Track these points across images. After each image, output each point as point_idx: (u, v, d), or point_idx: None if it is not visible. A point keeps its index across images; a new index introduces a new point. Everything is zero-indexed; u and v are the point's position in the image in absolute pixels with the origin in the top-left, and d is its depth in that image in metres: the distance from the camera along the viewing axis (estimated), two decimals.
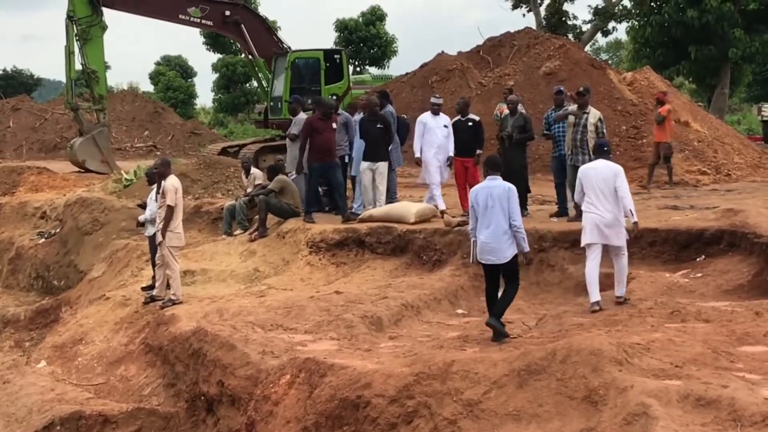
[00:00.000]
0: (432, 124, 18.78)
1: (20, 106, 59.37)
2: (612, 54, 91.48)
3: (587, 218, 13.31)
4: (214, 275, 18.71)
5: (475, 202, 12.29)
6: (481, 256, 12.28)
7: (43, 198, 30.56)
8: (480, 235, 12.17)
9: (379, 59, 75.39)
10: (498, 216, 11.98)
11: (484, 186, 12.32)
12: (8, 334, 22.17)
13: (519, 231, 12.05)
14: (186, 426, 13.12)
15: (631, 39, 53.93)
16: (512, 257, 12.14)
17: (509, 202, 12.00)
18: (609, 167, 13.37)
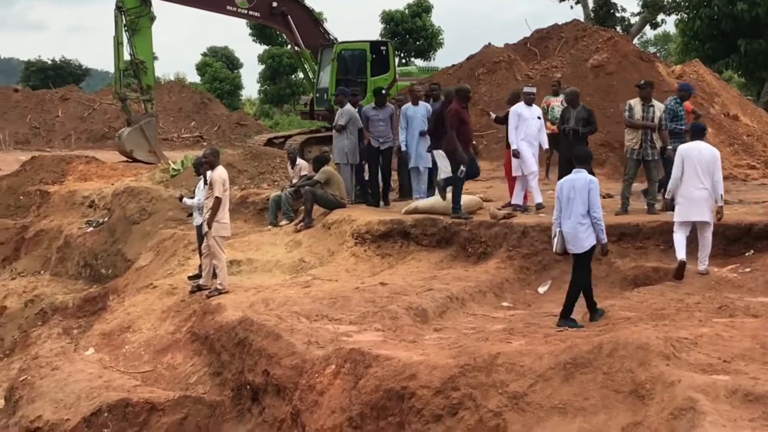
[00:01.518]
0: (527, 114, 18.58)
1: (69, 96, 59.94)
2: (660, 47, 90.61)
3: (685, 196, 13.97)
4: (259, 265, 18.78)
5: (559, 193, 12.68)
6: (562, 247, 12.69)
7: (92, 187, 30.82)
8: (564, 226, 12.55)
9: (425, 51, 75.23)
10: (578, 207, 12.36)
11: (569, 178, 12.70)
12: (57, 321, 22.36)
13: (598, 222, 12.43)
14: (231, 414, 13.18)
15: (680, 32, 53.43)
16: (590, 248, 12.50)
17: (590, 194, 12.37)
18: (710, 150, 14.25)
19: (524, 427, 9.07)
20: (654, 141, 17.63)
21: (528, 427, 9.05)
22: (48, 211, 30.95)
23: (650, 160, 17.74)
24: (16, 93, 62.18)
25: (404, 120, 20.11)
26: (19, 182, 34.28)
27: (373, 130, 20.38)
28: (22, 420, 13.72)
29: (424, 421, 9.75)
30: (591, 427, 8.82)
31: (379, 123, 20.29)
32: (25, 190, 33.38)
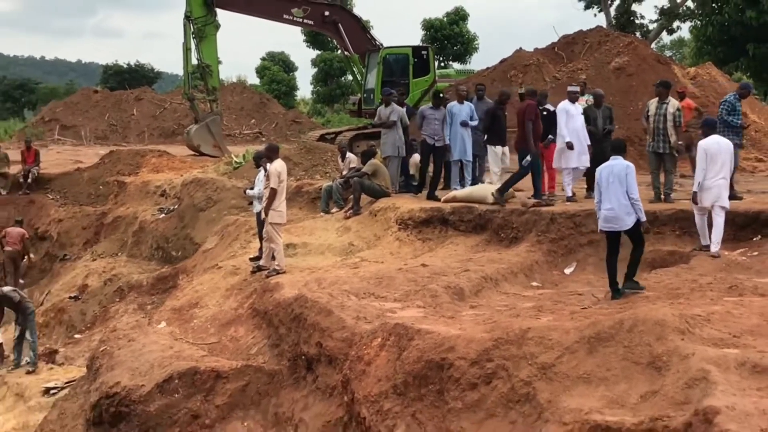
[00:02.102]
0: (573, 111, 18.51)
1: (143, 97, 60.33)
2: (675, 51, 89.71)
3: (710, 185, 14.11)
4: (313, 248, 18.84)
5: (599, 178, 12.88)
6: (604, 224, 12.82)
7: (163, 178, 31.02)
8: (603, 207, 12.71)
9: (462, 55, 75.03)
10: (617, 190, 12.51)
11: (607, 165, 12.86)
12: (132, 297, 22.56)
13: (636, 203, 12.53)
14: (288, 382, 13.23)
15: (694, 37, 53.12)
16: (633, 224, 12.58)
17: (627, 178, 12.53)
18: (727, 142, 14.50)
19: (552, 395, 9.04)
20: (667, 135, 17.55)
21: (555, 395, 9.02)
22: (124, 199, 31.20)
23: (663, 153, 17.70)
24: (96, 94, 62.62)
25: (449, 116, 20.05)
26: (98, 174, 34.58)
27: (429, 129, 20.21)
28: (102, 386, 13.84)
29: (461, 389, 9.74)
30: (613, 395, 8.79)
31: (434, 122, 20.14)
32: (104, 181, 33.66)
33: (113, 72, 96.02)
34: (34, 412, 17.67)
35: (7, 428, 17.66)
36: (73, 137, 53.74)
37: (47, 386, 18.66)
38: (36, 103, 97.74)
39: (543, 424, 8.79)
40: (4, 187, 34.73)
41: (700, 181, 14.26)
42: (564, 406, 8.78)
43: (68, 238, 31.16)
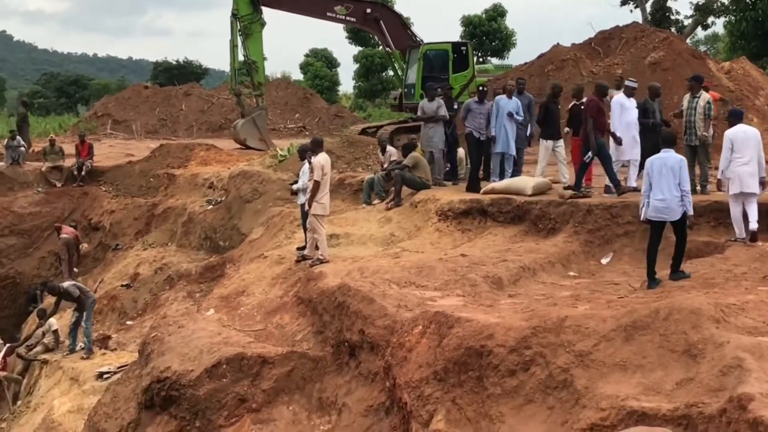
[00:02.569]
0: (628, 105, 18.30)
1: (191, 92, 60.68)
2: (710, 46, 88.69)
3: (737, 172, 14.10)
4: (355, 239, 18.86)
5: (650, 169, 12.81)
6: (653, 214, 12.77)
7: (211, 171, 31.18)
8: (654, 197, 12.67)
9: (500, 51, 74.75)
10: (670, 181, 12.52)
11: (659, 157, 12.81)
12: (182, 286, 22.75)
13: (687, 195, 12.61)
14: (332, 368, 13.27)
15: (728, 32, 52.55)
16: (681, 216, 12.64)
17: (681, 171, 12.56)
18: (753, 130, 14.56)
19: (589, 381, 9.01)
20: (697, 129, 17.39)
21: (592, 381, 8.99)
22: (174, 191, 31.41)
23: (693, 145, 17.55)
24: (146, 90, 63.07)
25: (496, 109, 19.96)
26: (149, 166, 34.82)
27: (474, 123, 20.15)
28: (154, 370, 13.96)
29: (500, 376, 9.73)
30: (649, 382, 8.75)
31: (480, 116, 20.07)
32: (154, 173, 33.88)
33: (163, 69, 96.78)
34: (88, 396, 17.88)
35: (62, 411, 17.88)
36: (124, 131, 54.16)
37: (100, 371, 18.88)
38: (89, 99, 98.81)
39: (580, 410, 8.77)
40: (59, 179, 35.10)
41: (723, 170, 14.31)
42: (601, 393, 8.75)
43: (120, 228, 31.44)
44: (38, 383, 20.77)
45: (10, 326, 30.15)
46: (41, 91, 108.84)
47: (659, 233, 12.90)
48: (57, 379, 19.91)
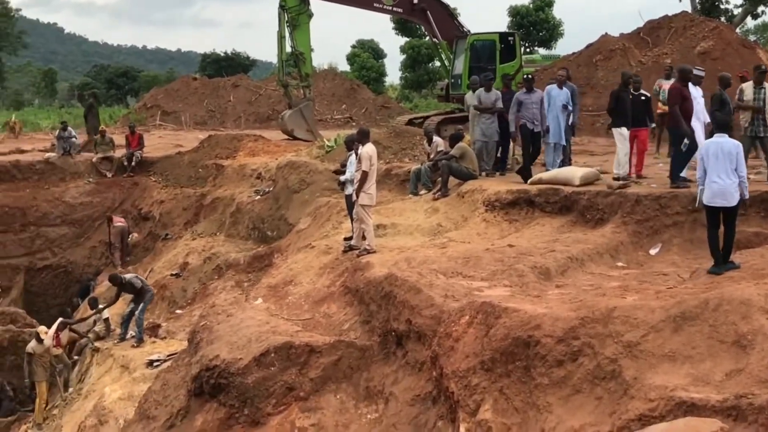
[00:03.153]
0: (695, 93, 18.12)
1: (239, 84, 60.97)
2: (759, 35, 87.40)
3: None
4: (402, 229, 18.88)
5: (705, 155, 12.56)
6: (710, 200, 12.55)
7: (259, 161, 31.35)
8: (710, 183, 12.46)
9: (547, 41, 74.21)
10: (727, 167, 12.30)
11: (715, 141, 12.57)
12: (230, 275, 22.92)
13: (744, 181, 12.42)
14: (379, 357, 13.31)
15: None
16: (737, 203, 12.47)
17: (737, 156, 12.35)
18: None
19: (637, 372, 8.96)
20: (765, 120, 17.19)
21: (641, 372, 8.94)
22: (222, 181, 31.64)
23: (762, 136, 17.33)
24: (195, 81, 63.50)
25: (547, 99, 19.86)
26: (198, 157, 35.10)
27: (528, 114, 20.05)
28: (203, 359, 14.08)
29: (548, 366, 9.70)
30: (698, 372, 8.68)
31: (532, 106, 19.95)
32: (203, 164, 34.15)
33: (211, 60, 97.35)
34: (138, 383, 18.08)
35: (113, 398, 18.11)
36: (173, 122, 54.62)
37: (151, 358, 19.08)
38: (138, 90, 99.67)
39: (628, 401, 8.72)
40: (110, 170, 35.52)
41: None
42: (649, 383, 8.70)
43: (170, 218, 31.76)
44: (89, 371, 21.04)
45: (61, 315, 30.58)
46: (92, 82, 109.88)
47: (716, 219, 12.68)
48: (108, 366, 20.16)
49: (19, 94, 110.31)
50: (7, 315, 27.20)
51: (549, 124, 19.80)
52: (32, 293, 32.36)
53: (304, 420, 12.72)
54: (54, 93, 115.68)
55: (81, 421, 18.28)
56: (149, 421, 15.02)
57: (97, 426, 17.53)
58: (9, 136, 47.89)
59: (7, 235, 32.52)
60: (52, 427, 19.96)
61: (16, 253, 32.50)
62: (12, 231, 32.67)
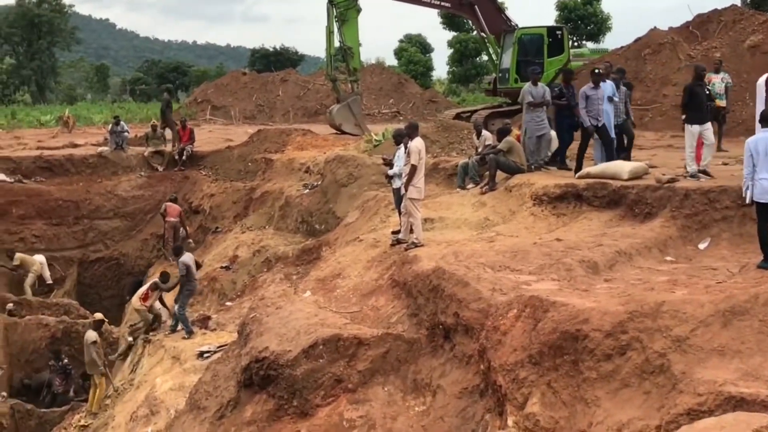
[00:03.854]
0: None
1: (287, 78, 61.35)
2: None
3: None
4: (450, 223, 18.87)
5: (754, 150, 12.29)
6: (760, 197, 12.30)
7: (307, 155, 31.52)
8: (760, 178, 12.21)
9: (595, 35, 73.71)
10: None
11: (763, 137, 12.32)
12: (279, 268, 23.05)
13: None
14: (426, 350, 13.32)
15: None
16: None
17: None
18: None
19: (686, 366, 8.89)
20: None
21: (689, 366, 8.87)
22: (271, 175, 31.86)
23: None
24: (244, 76, 64.00)
25: None
26: (247, 151, 35.39)
27: (594, 109, 19.58)
28: (252, 350, 14.18)
29: (596, 360, 9.66)
30: (747, 367, 8.59)
31: (597, 102, 19.62)
32: (252, 158, 34.45)
33: (260, 55, 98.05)
34: (189, 374, 18.27)
35: (164, 388, 18.32)
36: (223, 117, 55.08)
37: (201, 350, 19.26)
38: (189, 85, 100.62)
39: (677, 395, 8.65)
40: (161, 164, 35.95)
41: None
42: (698, 378, 8.63)
43: (220, 211, 32.06)
44: (141, 361, 21.31)
45: (113, 306, 31.03)
46: (143, 77, 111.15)
47: (767, 214, 12.43)
48: (159, 357, 20.39)
49: (72, 89, 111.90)
50: (61, 306, 27.68)
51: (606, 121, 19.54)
52: (85, 285, 32.86)
53: (353, 412, 12.76)
54: (106, 88, 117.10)
55: (133, 411, 18.52)
56: (200, 412, 15.17)
57: (148, 416, 17.75)
58: (63, 130, 48.61)
59: (61, 227, 33.03)
60: (105, 416, 20.25)
61: (69, 246, 33.01)
62: (66, 224, 33.19)
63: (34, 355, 25.31)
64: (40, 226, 32.65)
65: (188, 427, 15.11)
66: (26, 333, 25.33)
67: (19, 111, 69.31)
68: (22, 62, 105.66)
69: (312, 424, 12.79)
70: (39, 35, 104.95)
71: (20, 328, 25.30)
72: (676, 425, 8.27)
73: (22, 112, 68.83)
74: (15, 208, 32.46)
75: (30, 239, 32.23)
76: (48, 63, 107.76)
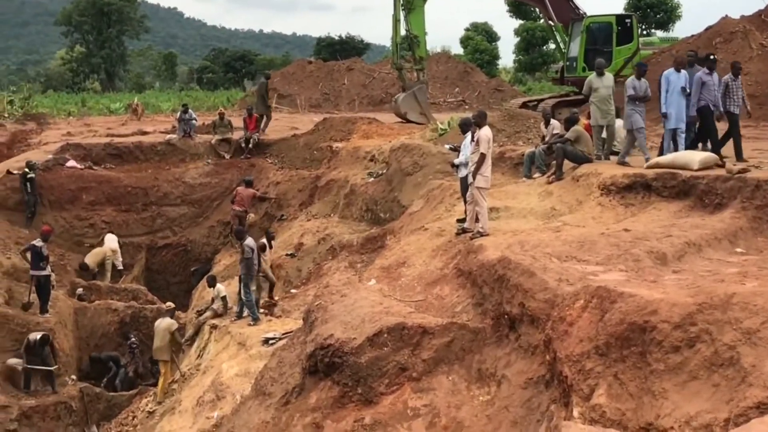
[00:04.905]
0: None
1: (353, 67, 61.53)
2: None
3: None
4: (515, 212, 18.80)
5: None
6: None
7: (373, 144, 31.59)
8: None
9: (665, 23, 72.81)
10: None
11: None
12: (344, 256, 23.17)
13: None
14: (491, 340, 13.29)
15: None
16: None
17: None
18: None
19: (756, 359, 8.75)
20: None
21: (760, 359, 8.73)
22: (336, 163, 32.00)
23: None
24: (310, 65, 64.32)
25: (665, 83, 19.33)
26: (313, 140, 35.59)
27: (709, 95, 19.31)
28: (317, 337, 14.27)
29: (664, 352, 9.55)
30: None
31: (713, 87, 19.36)
32: (317, 146, 34.63)
33: (326, 44, 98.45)
34: (254, 360, 18.48)
35: (230, 374, 18.56)
36: (289, 105, 55.44)
37: (266, 336, 19.47)
38: (255, 74, 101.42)
39: (747, 388, 8.53)
40: (228, 151, 36.33)
41: None
42: None
43: (285, 199, 32.32)
44: (208, 347, 21.60)
45: (180, 292, 31.49)
46: (210, 66, 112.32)
47: None
48: (225, 343, 20.65)
49: (140, 77, 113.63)
50: (129, 292, 28.17)
51: (669, 110, 19.24)
52: (153, 271, 33.38)
53: (417, 400, 12.80)
54: (174, 76, 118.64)
55: (199, 396, 18.81)
56: (265, 398, 15.33)
57: (214, 401, 18.01)
58: (132, 118, 49.45)
59: (130, 214, 33.58)
60: (172, 401, 20.57)
61: (138, 232, 33.55)
62: (135, 210, 33.74)
63: (102, 339, 25.83)
64: (109, 212, 33.23)
65: (254, 412, 15.28)
66: (95, 317, 25.85)
67: (89, 99, 70.75)
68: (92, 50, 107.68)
69: (376, 411, 12.85)
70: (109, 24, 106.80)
71: (90, 313, 25.83)
72: (746, 418, 8.17)
73: (92, 99, 70.23)
74: (85, 195, 33.08)
75: (100, 225, 32.82)
76: (117, 51, 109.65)
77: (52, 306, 23.13)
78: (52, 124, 49.52)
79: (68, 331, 23.98)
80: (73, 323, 24.85)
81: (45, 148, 37.35)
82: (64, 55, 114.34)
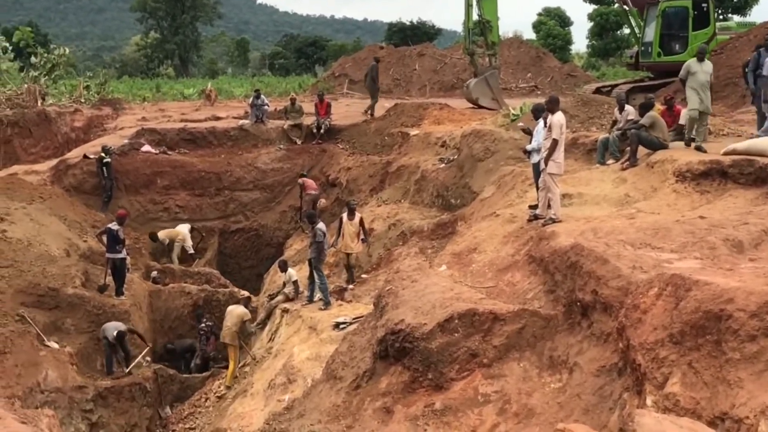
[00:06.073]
0: None
1: (424, 52, 61.44)
2: None
3: None
4: (588, 199, 18.64)
5: None
6: None
7: (444, 130, 31.54)
8: None
9: (742, 8, 71.33)
10: None
11: None
12: (414, 242, 23.22)
13: None
14: (563, 327, 13.23)
15: None
16: None
17: None
18: None
19: None
20: None
21: None
22: (407, 149, 32.02)
23: None
24: (381, 50, 64.37)
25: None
26: (384, 125, 35.65)
27: None
28: (388, 322, 14.35)
29: (740, 341, 9.43)
30: None
31: None
32: (389, 132, 34.68)
33: (397, 29, 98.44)
34: (325, 344, 18.63)
35: (301, 358, 18.75)
36: (360, 91, 55.52)
37: (337, 321, 19.60)
38: (326, 59, 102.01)
39: None
40: (299, 137, 36.60)
41: None
42: None
43: (356, 185, 32.41)
44: (279, 331, 21.83)
45: (252, 276, 31.86)
46: (282, 52, 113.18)
47: None
48: (297, 327, 20.85)
49: (213, 63, 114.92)
50: (202, 275, 28.57)
51: None
52: (225, 255, 33.82)
53: (487, 387, 12.81)
54: (246, 62, 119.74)
55: (271, 379, 19.03)
56: (336, 382, 15.46)
57: (286, 384, 18.21)
58: (205, 103, 50.05)
59: (203, 198, 34.06)
60: (244, 383, 20.84)
61: (211, 216, 34.02)
62: (208, 195, 34.21)
63: (176, 321, 26.22)
64: (183, 196, 33.75)
65: (325, 395, 15.42)
66: (169, 300, 26.25)
67: (163, 84, 71.78)
68: (166, 36, 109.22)
69: (447, 397, 12.90)
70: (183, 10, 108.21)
71: (164, 296, 26.24)
72: None
73: (166, 85, 71.24)
74: (160, 179, 33.63)
75: (173, 209, 33.36)
76: (191, 37, 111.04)
77: (128, 288, 23.54)
78: (128, 109, 50.39)
79: (143, 313, 24.38)
80: (147, 306, 25.27)
81: (120, 133, 38.08)
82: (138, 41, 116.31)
